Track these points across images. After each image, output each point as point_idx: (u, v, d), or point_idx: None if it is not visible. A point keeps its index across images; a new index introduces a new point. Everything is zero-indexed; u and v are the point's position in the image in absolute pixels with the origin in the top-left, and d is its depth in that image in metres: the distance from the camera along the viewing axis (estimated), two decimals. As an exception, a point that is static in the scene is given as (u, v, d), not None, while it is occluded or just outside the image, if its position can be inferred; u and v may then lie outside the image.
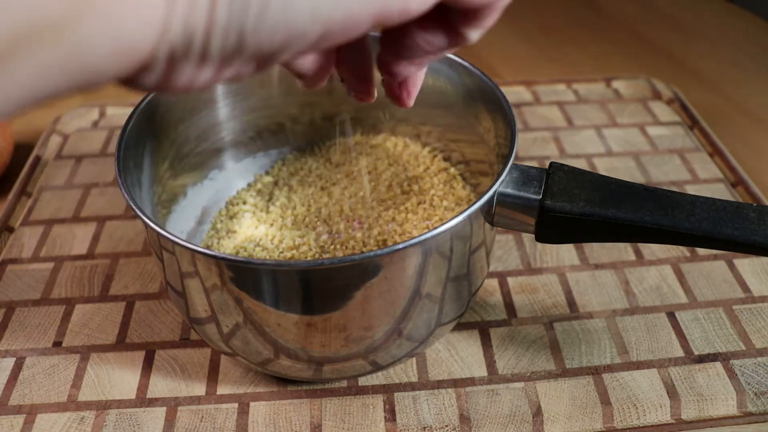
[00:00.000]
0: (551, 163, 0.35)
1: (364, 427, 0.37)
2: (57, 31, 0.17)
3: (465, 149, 0.44)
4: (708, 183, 0.53)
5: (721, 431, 0.37)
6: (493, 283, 0.45)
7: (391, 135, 0.48)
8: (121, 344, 0.41)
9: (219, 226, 0.44)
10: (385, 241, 0.41)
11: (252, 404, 0.38)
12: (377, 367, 0.37)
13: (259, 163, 0.47)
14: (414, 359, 0.40)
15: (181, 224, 0.42)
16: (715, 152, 0.56)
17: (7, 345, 0.41)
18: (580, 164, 0.55)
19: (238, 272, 0.31)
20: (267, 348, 0.34)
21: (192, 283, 0.33)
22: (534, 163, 0.55)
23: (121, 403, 0.38)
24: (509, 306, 0.43)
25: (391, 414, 0.37)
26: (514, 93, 0.63)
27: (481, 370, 0.39)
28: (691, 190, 0.52)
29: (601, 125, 0.59)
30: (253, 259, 0.37)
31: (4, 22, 0.16)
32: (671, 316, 0.43)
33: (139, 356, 0.40)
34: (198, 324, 0.35)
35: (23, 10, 0.16)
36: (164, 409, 0.38)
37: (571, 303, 0.43)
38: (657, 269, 0.46)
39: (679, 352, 0.40)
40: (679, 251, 0.47)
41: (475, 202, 0.31)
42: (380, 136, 0.48)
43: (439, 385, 0.39)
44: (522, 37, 0.78)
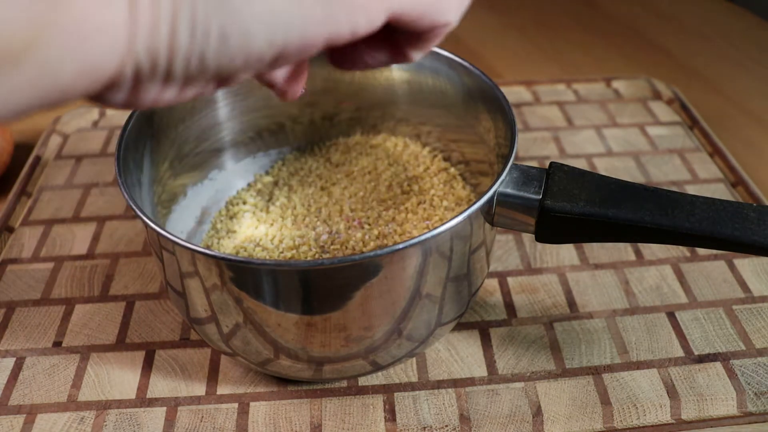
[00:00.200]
0: (551, 163, 0.35)
1: (364, 427, 0.37)
2: (23, 52, 0.18)
3: (465, 149, 0.44)
4: (708, 183, 0.53)
5: (721, 431, 0.37)
6: (493, 283, 0.45)
7: (391, 135, 0.48)
8: (121, 344, 0.41)
9: (219, 226, 0.44)
10: (385, 240, 0.41)
11: (252, 404, 0.38)
12: (377, 367, 0.37)
13: (259, 163, 0.47)
14: (414, 359, 0.40)
15: (181, 224, 0.42)
16: (715, 152, 0.56)
17: (7, 345, 0.41)
18: (580, 164, 0.55)
19: (238, 272, 0.31)
20: (267, 348, 0.34)
21: (192, 283, 0.33)
22: (534, 163, 0.55)
23: (121, 403, 0.38)
24: (509, 306, 0.43)
25: (391, 414, 0.37)
26: (514, 93, 0.63)
27: (481, 370, 0.39)
28: (691, 190, 0.52)
29: (601, 125, 0.59)
30: (253, 259, 0.37)
31: None
32: (671, 316, 0.43)
33: (139, 356, 0.40)
34: (198, 324, 0.35)
35: None
36: (164, 409, 0.38)
37: (571, 303, 0.43)
38: (657, 269, 0.46)
39: (679, 352, 0.40)
40: (679, 251, 0.47)
41: (475, 202, 0.31)
42: (380, 136, 0.48)
43: (439, 385, 0.39)
44: (522, 37, 0.78)
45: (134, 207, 0.31)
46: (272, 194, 0.45)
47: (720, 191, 0.52)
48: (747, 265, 0.46)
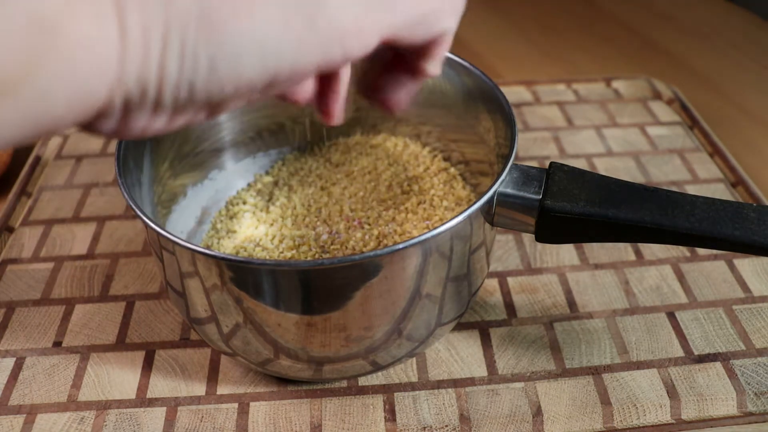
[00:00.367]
0: (551, 163, 0.35)
1: (364, 427, 0.37)
2: (18, 84, 0.18)
3: (465, 149, 0.44)
4: (708, 183, 0.53)
5: (721, 431, 0.37)
6: (493, 283, 0.45)
7: (391, 135, 0.48)
8: (121, 344, 0.41)
9: (219, 226, 0.44)
10: (385, 240, 0.41)
11: (252, 404, 0.38)
12: (377, 367, 0.37)
13: (259, 163, 0.47)
14: (414, 359, 0.40)
15: (181, 224, 0.42)
16: (715, 152, 0.56)
17: (7, 345, 0.41)
18: (580, 164, 0.55)
19: (238, 272, 0.31)
20: (267, 348, 0.34)
21: (192, 283, 0.33)
22: (534, 163, 0.55)
23: (121, 403, 0.38)
24: (509, 306, 0.43)
25: (391, 414, 0.37)
26: (514, 93, 0.63)
27: (481, 370, 0.39)
28: (691, 190, 0.52)
29: (601, 125, 0.59)
30: (253, 259, 0.37)
31: None
32: (671, 316, 0.43)
33: (139, 356, 0.40)
34: (198, 324, 0.35)
35: None
36: (164, 409, 0.38)
37: (571, 303, 0.43)
38: (657, 269, 0.46)
39: (679, 352, 0.40)
40: (679, 251, 0.47)
41: (475, 202, 0.31)
42: (380, 136, 0.48)
43: (439, 385, 0.39)
44: (522, 37, 0.78)
45: (134, 207, 0.31)
46: (272, 194, 0.45)
47: (720, 191, 0.52)
48: (747, 265, 0.46)
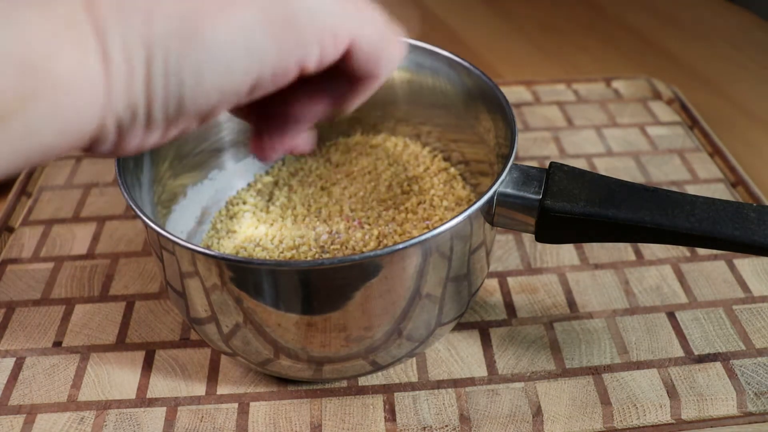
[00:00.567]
0: (551, 163, 0.35)
1: (364, 427, 0.37)
2: (4, 118, 0.19)
3: (465, 149, 0.44)
4: (708, 183, 0.53)
5: (721, 431, 0.37)
6: (493, 283, 0.45)
7: (391, 135, 0.48)
8: (121, 344, 0.41)
9: (219, 226, 0.44)
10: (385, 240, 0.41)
11: (252, 404, 0.38)
12: (377, 367, 0.37)
13: (259, 163, 0.47)
14: (414, 359, 0.40)
15: (181, 224, 0.42)
16: (715, 152, 0.56)
17: (7, 345, 0.41)
18: (580, 164, 0.55)
19: (238, 272, 0.31)
20: (267, 348, 0.34)
21: (192, 283, 0.33)
22: (534, 163, 0.55)
23: (121, 403, 0.38)
24: (509, 306, 0.43)
25: (391, 414, 0.37)
26: (514, 93, 0.63)
27: (481, 370, 0.39)
28: (691, 190, 0.52)
29: (601, 125, 0.59)
30: (253, 259, 0.37)
31: None
32: (671, 316, 0.43)
33: (139, 356, 0.40)
34: (198, 324, 0.35)
35: None
36: (164, 409, 0.38)
37: (571, 303, 0.43)
38: (657, 269, 0.46)
39: (679, 352, 0.40)
40: (679, 251, 0.47)
41: (475, 202, 0.31)
42: (380, 136, 0.48)
43: (439, 385, 0.39)
44: (522, 37, 0.78)
45: (134, 207, 0.31)
46: (272, 194, 0.45)
47: (720, 191, 0.52)
48: (747, 265, 0.46)
